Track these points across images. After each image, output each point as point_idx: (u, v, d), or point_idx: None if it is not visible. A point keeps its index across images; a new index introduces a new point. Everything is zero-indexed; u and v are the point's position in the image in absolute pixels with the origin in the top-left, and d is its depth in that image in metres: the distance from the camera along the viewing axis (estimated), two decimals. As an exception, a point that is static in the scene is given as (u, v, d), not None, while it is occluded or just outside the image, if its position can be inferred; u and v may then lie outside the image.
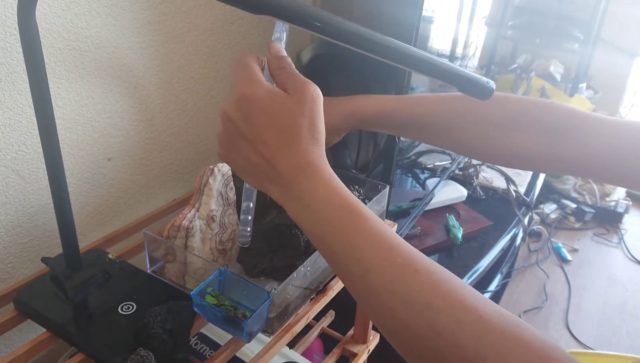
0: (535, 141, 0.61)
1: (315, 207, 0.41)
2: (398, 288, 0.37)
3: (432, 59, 0.48)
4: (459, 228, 1.26)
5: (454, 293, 0.36)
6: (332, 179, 0.42)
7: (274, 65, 0.45)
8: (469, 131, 0.65)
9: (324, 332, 0.95)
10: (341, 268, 0.41)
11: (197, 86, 0.92)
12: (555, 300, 2.07)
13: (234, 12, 0.93)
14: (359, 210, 0.41)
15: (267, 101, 0.42)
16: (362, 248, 0.39)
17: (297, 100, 0.42)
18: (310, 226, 0.42)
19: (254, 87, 0.43)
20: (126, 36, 0.76)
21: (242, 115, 0.42)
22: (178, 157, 0.93)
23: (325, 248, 0.41)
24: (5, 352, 0.73)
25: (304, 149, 0.42)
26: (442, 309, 0.35)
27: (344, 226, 0.40)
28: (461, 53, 1.50)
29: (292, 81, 0.44)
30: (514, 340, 0.33)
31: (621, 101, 3.02)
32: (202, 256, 0.63)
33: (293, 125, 0.42)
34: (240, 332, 0.55)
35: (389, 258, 0.38)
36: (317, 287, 0.67)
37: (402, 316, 0.37)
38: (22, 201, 0.70)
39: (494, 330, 0.34)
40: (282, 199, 0.43)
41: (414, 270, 0.38)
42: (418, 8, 0.82)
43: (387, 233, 0.40)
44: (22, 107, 0.66)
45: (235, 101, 0.43)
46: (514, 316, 0.35)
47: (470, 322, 0.35)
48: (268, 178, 0.43)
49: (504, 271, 1.59)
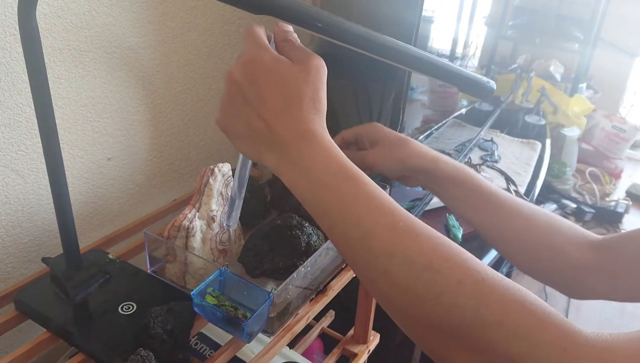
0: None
1: (313, 174, 0.41)
2: (398, 251, 0.37)
3: (432, 59, 0.48)
4: (459, 228, 1.26)
5: (455, 256, 0.36)
6: (331, 147, 0.42)
7: (281, 37, 0.46)
8: (533, 247, 0.62)
9: (324, 332, 0.95)
10: (338, 233, 0.40)
11: (197, 86, 0.92)
12: (555, 300, 2.07)
13: (234, 12, 0.93)
14: (358, 176, 0.41)
15: (273, 65, 0.42)
16: (361, 212, 0.39)
17: (302, 68, 0.43)
18: (307, 193, 0.41)
19: (261, 52, 0.43)
20: (126, 36, 0.76)
21: (247, 78, 0.42)
22: (178, 157, 0.93)
23: (322, 214, 0.41)
24: (6, 352, 0.73)
25: (305, 116, 0.42)
26: (442, 270, 0.35)
27: (342, 192, 0.40)
28: (461, 53, 1.50)
29: (298, 53, 0.44)
30: (514, 303, 0.33)
31: (621, 101, 3.02)
32: (202, 256, 0.63)
33: (296, 92, 0.42)
34: (241, 332, 0.55)
35: (390, 222, 0.38)
36: (317, 287, 0.67)
37: (401, 278, 0.36)
38: (22, 201, 0.70)
39: (495, 292, 0.34)
40: (279, 165, 0.43)
41: (414, 234, 0.37)
42: (418, 8, 0.82)
43: (387, 198, 0.40)
44: (22, 107, 0.66)
45: (242, 64, 0.43)
46: (516, 284, 0.35)
47: (471, 284, 0.34)
48: (266, 143, 0.43)
49: (504, 271, 1.59)
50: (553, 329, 0.32)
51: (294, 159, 0.42)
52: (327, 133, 0.43)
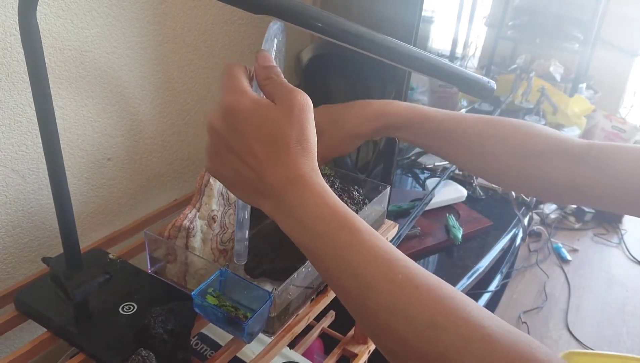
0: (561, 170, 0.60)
1: (306, 222, 0.39)
2: (398, 306, 0.35)
3: (433, 59, 0.48)
4: (458, 228, 1.26)
5: (458, 310, 0.34)
6: (323, 192, 0.40)
7: (261, 75, 0.44)
8: (503, 159, 0.62)
9: (325, 332, 0.95)
10: (336, 284, 0.39)
11: (197, 86, 0.92)
12: (555, 300, 2.07)
13: (234, 12, 0.93)
14: (353, 223, 0.39)
15: (252, 111, 0.40)
16: (358, 264, 0.37)
17: (285, 110, 0.41)
18: (303, 241, 0.40)
19: (238, 97, 0.41)
20: (126, 36, 0.76)
21: (228, 126, 0.41)
22: (178, 157, 0.93)
23: (319, 263, 0.40)
24: (6, 352, 0.73)
25: (293, 161, 0.40)
26: (446, 327, 0.34)
27: (337, 242, 0.38)
28: (461, 53, 1.50)
29: (279, 91, 0.42)
30: (522, 361, 0.32)
31: (621, 101, 3.02)
32: (203, 256, 0.63)
33: (281, 136, 0.40)
34: (241, 332, 0.55)
35: (387, 274, 0.37)
36: (318, 287, 0.67)
37: (403, 335, 0.35)
38: (22, 201, 0.70)
39: (501, 350, 0.32)
40: (273, 213, 0.42)
41: (414, 286, 0.36)
42: (418, 8, 0.82)
43: (384, 247, 0.38)
44: (22, 107, 0.66)
45: (221, 112, 0.41)
46: (521, 333, 0.34)
47: (476, 341, 0.33)
48: (258, 191, 0.42)
49: (503, 272, 1.59)
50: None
51: (286, 208, 0.40)
52: (318, 175, 0.41)
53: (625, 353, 1.52)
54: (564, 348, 1.84)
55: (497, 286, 1.54)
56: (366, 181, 0.79)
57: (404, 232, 1.12)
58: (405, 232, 1.14)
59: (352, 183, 0.76)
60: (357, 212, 0.71)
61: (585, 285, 2.18)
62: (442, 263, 1.23)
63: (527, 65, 2.44)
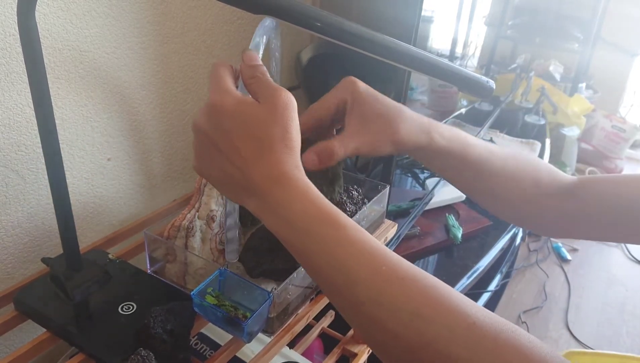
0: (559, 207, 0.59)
1: (291, 218, 0.40)
2: (385, 298, 0.36)
3: (432, 59, 0.48)
4: (458, 227, 1.26)
5: (443, 299, 0.35)
6: (307, 189, 0.41)
7: (247, 74, 0.44)
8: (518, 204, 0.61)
9: (324, 332, 0.95)
10: (323, 280, 0.40)
11: (197, 86, 0.92)
12: (555, 299, 2.07)
13: (234, 12, 0.93)
14: (337, 219, 0.40)
15: (236, 110, 0.41)
16: (343, 258, 0.38)
17: (269, 109, 0.41)
18: (289, 238, 0.40)
19: (222, 96, 0.42)
20: (126, 36, 0.76)
21: (213, 126, 0.41)
22: (178, 157, 0.93)
23: (306, 260, 0.40)
24: (6, 352, 0.73)
25: (277, 159, 0.41)
26: (432, 317, 0.34)
27: (322, 238, 0.39)
28: (461, 53, 1.50)
29: (264, 90, 0.43)
30: (509, 347, 0.32)
31: (621, 100, 3.02)
32: (202, 256, 0.63)
33: (265, 134, 0.41)
34: (241, 332, 0.55)
35: (372, 266, 0.37)
36: (317, 287, 0.67)
37: (390, 326, 0.35)
38: (22, 201, 0.70)
39: (487, 338, 0.33)
40: (258, 211, 0.42)
41: (399, 277, 0.36)
42: (418, 8, 0.82)
43: (368, 241, 0.39)
44: (21, 108, 0.66)
45: (207, 112, 0.42)
46: (507, 322, 0.34)
47: (462, 330, 0.33)
48: (244, 189, 0.42)
49: (503, 271, 1.59)
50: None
51: (271, 206, 0.41)
52: (302, 173, 0.42)
53: (625, 352, 1.52)
54: (564, 347, 1.84)
55: (497, 285, 1.54)
56: (365, 181, 0.79)
57: (404, 232, 1.12)
58: (405, 232, 1.14)
59: (351, 183, 0.76)
60: (356, 212, 0.71)
61: (585, 285, 2.18)
62: (441, 263, 1.23)
63: (527, 64, 2.44)
